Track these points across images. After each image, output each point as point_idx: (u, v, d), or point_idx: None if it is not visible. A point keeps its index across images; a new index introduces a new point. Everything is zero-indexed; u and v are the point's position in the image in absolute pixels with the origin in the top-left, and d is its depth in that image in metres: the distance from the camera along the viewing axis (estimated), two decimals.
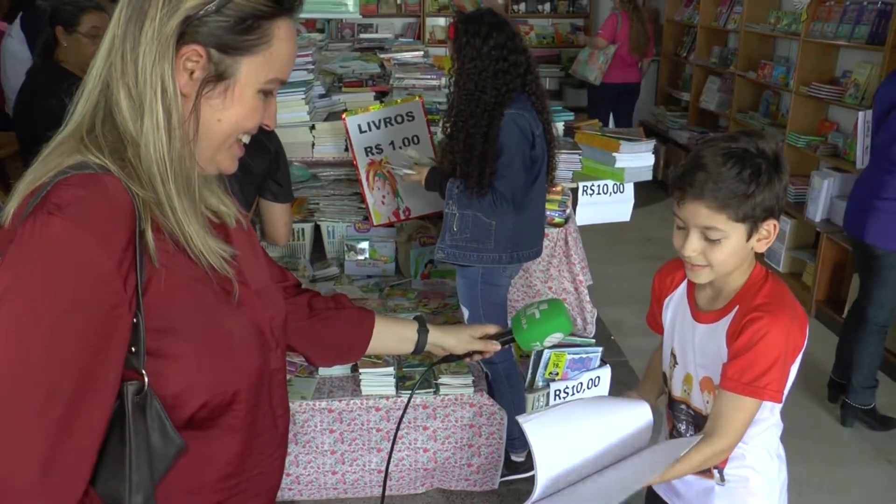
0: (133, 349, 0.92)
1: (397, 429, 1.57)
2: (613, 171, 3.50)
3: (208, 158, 1.04)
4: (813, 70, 5.11)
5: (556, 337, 1.53)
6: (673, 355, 1.67)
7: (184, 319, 0.97)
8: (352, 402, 2.74)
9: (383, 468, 2.84)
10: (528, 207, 2.73)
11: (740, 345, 1.44)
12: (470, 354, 1.53)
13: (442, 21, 8.47)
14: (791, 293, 1.52)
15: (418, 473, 2.88)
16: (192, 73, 0.97)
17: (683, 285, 1.66)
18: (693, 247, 1.45)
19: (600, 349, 3.41)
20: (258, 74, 1.01)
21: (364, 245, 3.64)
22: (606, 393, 3.45)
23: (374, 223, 3.39)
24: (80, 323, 0.86)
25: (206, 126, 1.00)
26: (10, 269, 0.87)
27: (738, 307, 1.50)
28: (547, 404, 3.26)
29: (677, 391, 1.67)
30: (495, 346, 1.53)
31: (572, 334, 3.69)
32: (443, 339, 1.50)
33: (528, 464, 3.03)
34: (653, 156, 3.55)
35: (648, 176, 3.60)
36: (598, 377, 3.40)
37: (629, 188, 3.63)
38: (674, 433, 1.71)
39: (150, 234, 0.93)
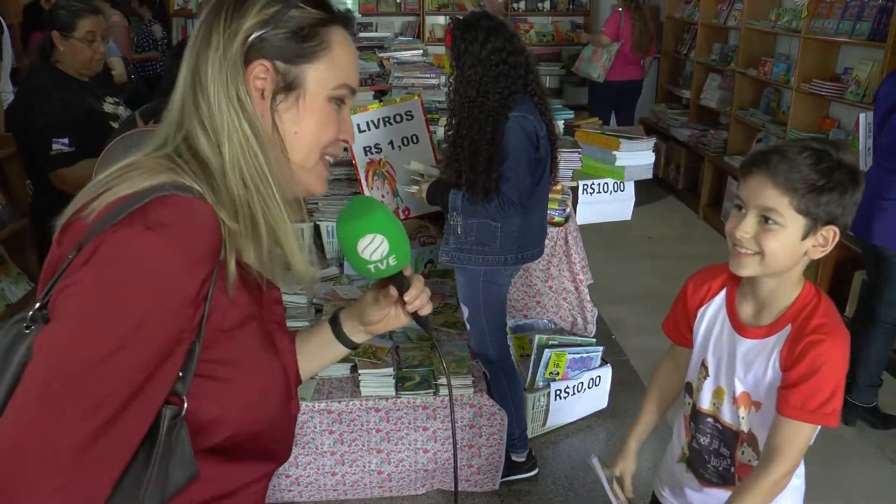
0: (181, 374, 0.92)
1: (453, 429, 1.28)
2: (614, 170, 3.50)
3: (295, 179, 1.06)
4: (814, 67, 5.10)
5: (372, 241, 1.10)
6: (704, 367, 1.61)
7: (233, 353, 0.98)
8: (351, 403, 2.73)
9: (383, 469, 2.83)
10: (533, 209, 2.72)
11: (802, 370, 1.39)
12: (413, 314, 1.20)
13: (441, 20, 8.46)
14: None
15: (418, 474, 2.87)
16: (262, 91, 1.00)
17: (722, 296, 1.60)
18: (747, 228, 1.40)
19: (601, 349, 3.46)
20: (325, 80, 1.03)
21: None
22: (607, 392, 3.45)
23: None
24: (148, 340, 0.86)
25: (287, 141, 1.03)
26: (96, 273, 0.86)
27: (790, 325, 1.45)
28: (547, 404, 3.27)
29: (705, 404, 1.61)
30: (389, 287, 1.18)
31: (572, 333, 3.70)
32: (360, 318, 1.25)
33: (529, 464, 3.02)
34: (653, 154, 3.55)
35: (649, 174, 3.59)
36: (599, 377, 3.42)
37: (629, 186, 3.63)
38: (693, 445, 1.66)
39: (232, 266, 0.95)
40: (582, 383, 3.37)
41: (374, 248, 1.10)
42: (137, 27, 6.79)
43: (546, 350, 3.26)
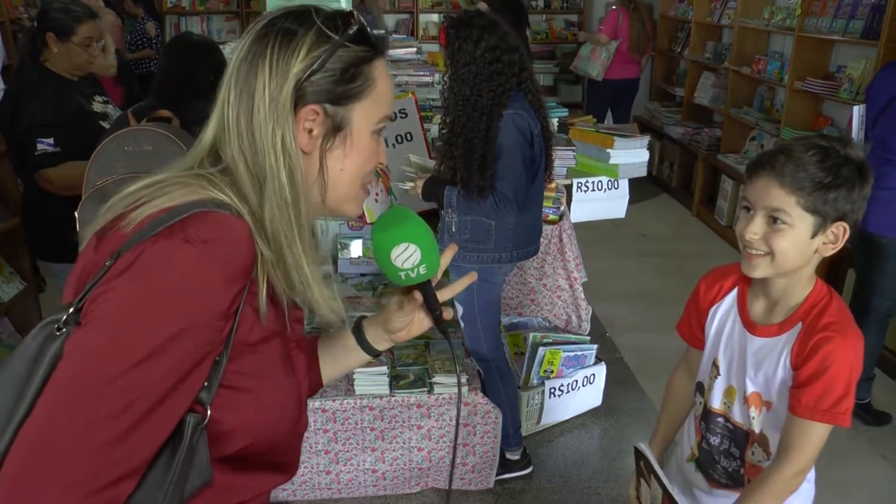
0: (207, 384, 0.95)
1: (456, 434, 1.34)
2: (608, 168, 3.49)
3: (334, 209, 1.09)
4: (807, 65, 5.10)
5: (405, 250, 1.14)
6: (716, 366, 1.60)
7: (256, 366, 1.00)
8: (345, 401, 2.72)
9: (377, 468, 2.83)
10: (528, 206, 2.72)
11: (813, 369, 1.39)
12: (436, 319, 1.21)
13: (435, 17, 8.46)
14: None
15: (412, 473, 2.86)
16: (310, 131, 1.01)
17: (733, 294, 1.60)
18: (755, 229, 1.39)
19: (595, 346, 3.46)
20: (370, 117, 1.05)
21: (357, 243, 3.61)
22: (601, 390, 3.45)
23: (368, 221, 3.37)
24: (180, 350, 0.89)
25: (331, 178, 1.05)
26: (134, 282, 0.89)
27: (801, 324, 1.45)
28: (542, 402, 3.27)
29: (716, 403, 1.61)
30: (415, 294, 1.20)
31: (566, 331, 3.70)
32: (375, 323, 1.29)
33: (523, 462, 3.02)
34: (647, 152, 3.55)
35: (643, 172, 3.59)
36: (594, 374, 3.42)
37: (624, 184, 3.63)
38: (703, 445, 1.65)
39: (263, 285, 0.98)
40: (576, 381, 3.37)
41: (407, 257, 1.14)
42: (131, 26, 6.76)
43: (540, 348, 3.26)
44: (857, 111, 3.37)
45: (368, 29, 1.04)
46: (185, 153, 1.01)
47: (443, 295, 1.20)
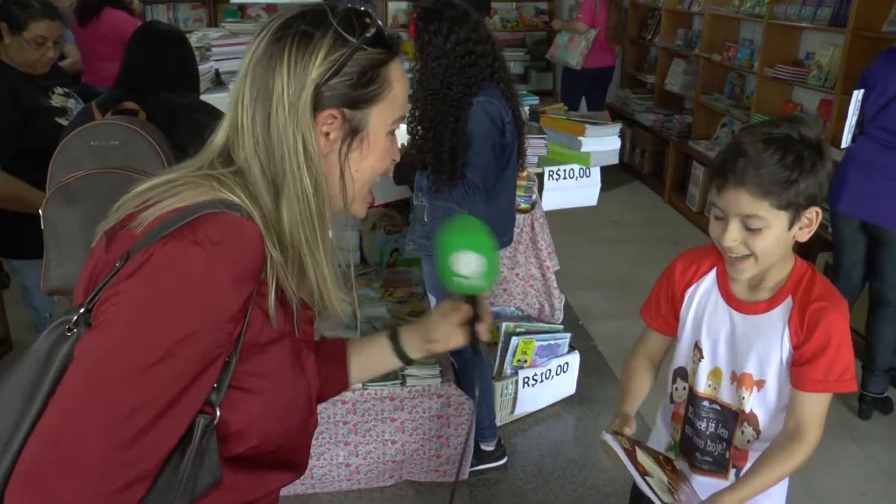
0: (217, 385, 0.95)
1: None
2: (579, 156, 3.48)
3: (344, 210, 1.09)
4: (777, 52, 5.13)
5: (469, 258, 1.19)
6: (699, 349, 1.59)
7: (265, 367, 1.00)
8: None
9: (351, 462, 2.80)
10: (500, 195, 2.69)
11: (817, 344, 1.42)
12: (472, 335, 1.28)
13: (404, 5, 8.37)
14: None
15: (387, 466, 2.84)
16: (328, 134, 1.01)
17: (712, 275, 1.58)
18: (733, 236, 1.40)
19: (568, 335, 3.45)
20: (386, 118, 1.05)
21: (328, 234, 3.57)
22: (575, 379, 3.45)
23: None
24: (190, 352, 0.89)
25: (347, 181, 1.05)
26: (144, 284, 0.89)
27: (791, 297, 1.46)
28: (515, 394, 3.26)
29: (701, 387, 1.60)
30: (463, 305, 1.26)
31: (539, 320, 3.69)
32: (415, 331, 1.32)
33: (498, 453, 3.01)
34: (619, 139, 3.54)
35: (615, 160, 3.58)
36: (567, 363, 3.42)
37: (595, 172, 3.62)
38: (685, 432, 1.64)
39: (272, 288, 0.97)
40: (550, 370, 3.36)
41: (468, 264, 1.18)
42: None
43: (513, 338, 3.25)
44: (856, 96, 3.32)
45: (384, 30, 1.04)
46: (153, 147, 1.00)
47: (486, 319, 1.25)
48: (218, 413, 0.95)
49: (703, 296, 1.59)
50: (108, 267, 0.93)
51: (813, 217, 1.41)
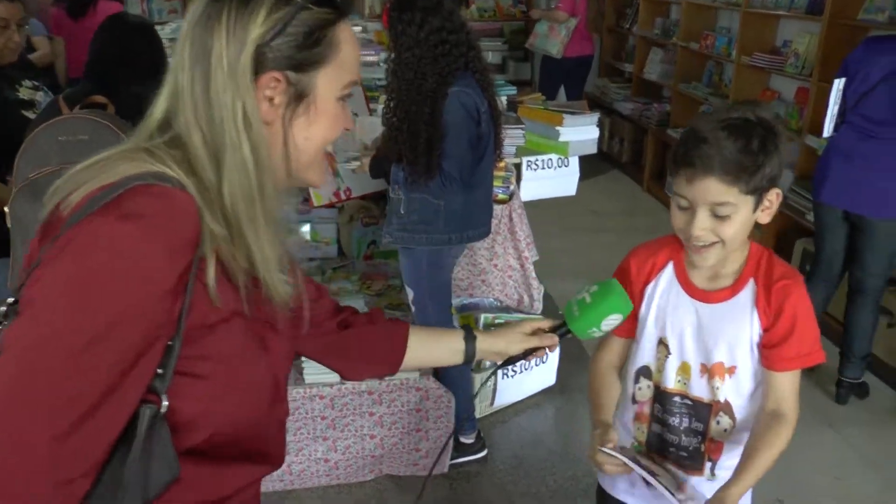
0: (160, 371, 0.90)
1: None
2: (557, 145, 3.47)
3: (297, 178, 1.05)
4: (754, 40, 5.14)
5: (615, 318, 1.39)
6: (664, 345, 1.56)
7: (214, 349, 0.95)
8: (295, 390, 2.66)
9: (329, 457, 2.78)
10: (476, 186, 2.66)
11: (786, 324, 1.44)
12: (528, 353, 1.46)
13: None
14: None
15: (366, 461, 2.82)
16: (271, 99, 0.96)
17: (670, 269, 1.56)
18: (703, 225, 1.39)
19: None
20: (335, 83, 1.01)
21: (305, 227, 3.54)
22: (555, 369, 3.45)
23: (315, 204, 3.29)
24: (125, 334, 0.84)
25: (294, 148, 1.01)
26: (68, 264, 0.84)
27: (753, 279, 1.47)
28: (494, 385, 3.25)
29: (670, 383, 1.56)
30: (553, 339, 1.44)
31: (518, 310, 3.67)
32: (493, 344, 1.44)
33: (478, 445, 3.00)
34: (597, 128, 3.53)
35: (593, 149, 3.57)
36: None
37: (574, 162, 3.61)
38: (653, 428, 1.60)
39: (211, 262, 0.92)
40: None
41: (611, 324, 1.39)
42: None
43: (491, 329, 3.23)
44: (837, 84, 3.32)
45: None
46: (123, 141, 0.97)
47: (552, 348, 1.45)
48: (164, 402, 0.90)
49: (664, 290, 1.56)
50: (38, 253, 0.89)
51: (773, 199, 1.42)
